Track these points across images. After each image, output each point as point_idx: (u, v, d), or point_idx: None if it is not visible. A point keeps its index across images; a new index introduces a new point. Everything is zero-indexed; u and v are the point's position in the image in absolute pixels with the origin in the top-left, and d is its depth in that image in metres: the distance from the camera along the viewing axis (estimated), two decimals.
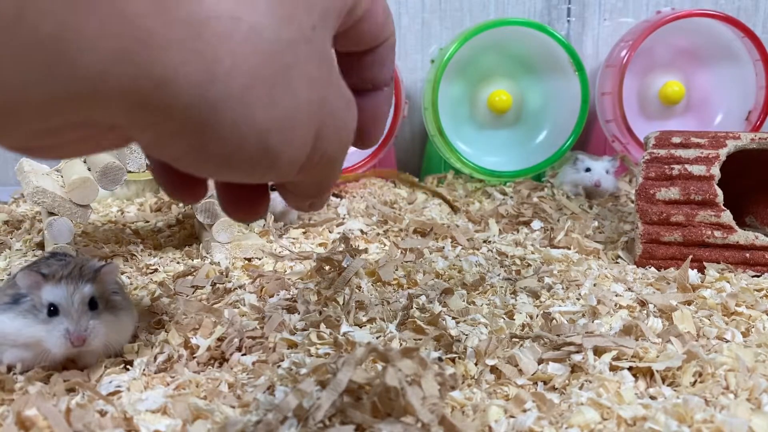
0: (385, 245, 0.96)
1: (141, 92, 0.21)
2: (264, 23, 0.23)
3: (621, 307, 0.69)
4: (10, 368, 0.55)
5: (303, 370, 0.54)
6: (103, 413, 0.47)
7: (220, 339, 0.62)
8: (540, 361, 0.56)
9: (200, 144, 0.24)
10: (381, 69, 0.33)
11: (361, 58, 0.32)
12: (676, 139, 0.88)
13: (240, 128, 0.24)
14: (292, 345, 0.61)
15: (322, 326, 0.64)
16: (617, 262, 0.89)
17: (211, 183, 0.32)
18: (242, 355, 0.60)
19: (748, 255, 0.81)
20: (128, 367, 0.58)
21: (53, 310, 0.54)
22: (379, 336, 0.63)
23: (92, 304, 0.56)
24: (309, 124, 0.26)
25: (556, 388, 0.53)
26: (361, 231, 1.04)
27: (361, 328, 0.66)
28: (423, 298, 0.72)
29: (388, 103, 0.34)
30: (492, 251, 0.93)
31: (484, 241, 0.98)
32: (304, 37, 0.25)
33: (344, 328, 0.64)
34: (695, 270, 0.80)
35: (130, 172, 0.89)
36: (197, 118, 0.23)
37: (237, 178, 0.27)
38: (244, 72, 0.23)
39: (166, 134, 0.23)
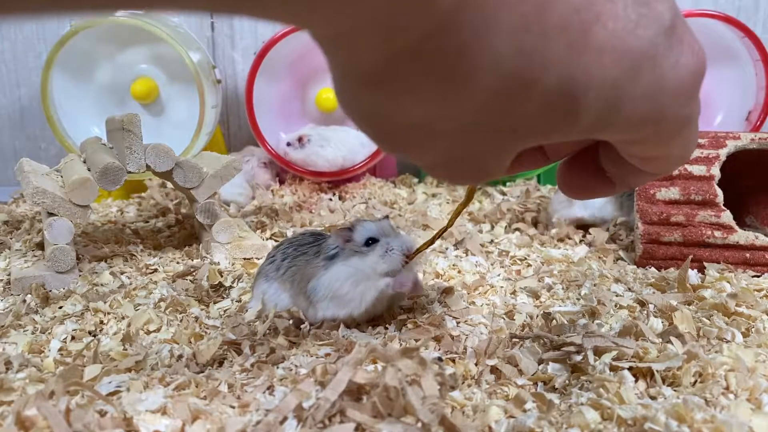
0: None
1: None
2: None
3: (621, 307, 0.69)
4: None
5: (303, 370, 0.54)
6: (102, 413, 0.47)
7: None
8: (540, 362, 0.56)
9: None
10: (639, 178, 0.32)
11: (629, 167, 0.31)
12: None
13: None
14: (293, 345, 0.61)
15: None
16: (617, 262, 0.89)
17: None
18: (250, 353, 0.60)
19: (748, 255, 0.81)
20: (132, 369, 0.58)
21: (371, 242, 0.63)
22: (379, 336, 0.63)
23: None
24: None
25: (557, 389, 0.53)
26: None
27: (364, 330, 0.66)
28: (423, 298, 0.72)
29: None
30: (492, 251, 0.93)
31: (486, 242, 0.98)
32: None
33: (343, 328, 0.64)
34: (695, 270, 0.80)
35: (129, 172, 0.89)
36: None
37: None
38: None
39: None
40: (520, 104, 0.24)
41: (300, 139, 1.35)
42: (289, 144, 1.36)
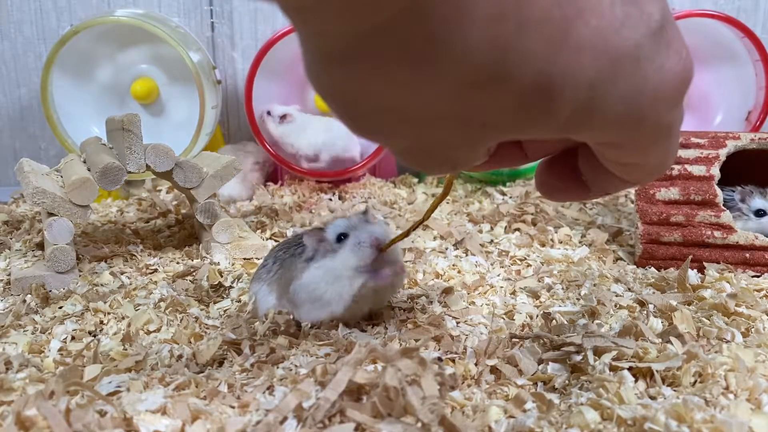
0: None
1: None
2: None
3: (621, 307, 0.69)
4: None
5: (303, 370, 0.54)
6: (102, 413, 0.47)
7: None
8: (540, 362, 0.56)
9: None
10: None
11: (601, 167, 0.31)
12: None
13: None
14: (292, 345, 0.61)
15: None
16: (617, 262, 0.89)
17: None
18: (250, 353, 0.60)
19: (748, 255, 0.81)
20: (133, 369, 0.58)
21: (343, 237, 0.63)
22: (379, 336, 0.63)
23: None
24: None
25: (556, 389, 0.53)
26: None
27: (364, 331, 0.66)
28: (423, 298, 0.72)
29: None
30: (492, 251, 0.93)
31: (486, 242, 0.98)
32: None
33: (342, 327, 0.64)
34: (695, 270, 0.80)
35: (130, 172, 0.89)
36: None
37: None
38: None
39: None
40: (491, 98, 0.23)
41: (283, 117, 1.33)
42: (269, 113, 1.33)
